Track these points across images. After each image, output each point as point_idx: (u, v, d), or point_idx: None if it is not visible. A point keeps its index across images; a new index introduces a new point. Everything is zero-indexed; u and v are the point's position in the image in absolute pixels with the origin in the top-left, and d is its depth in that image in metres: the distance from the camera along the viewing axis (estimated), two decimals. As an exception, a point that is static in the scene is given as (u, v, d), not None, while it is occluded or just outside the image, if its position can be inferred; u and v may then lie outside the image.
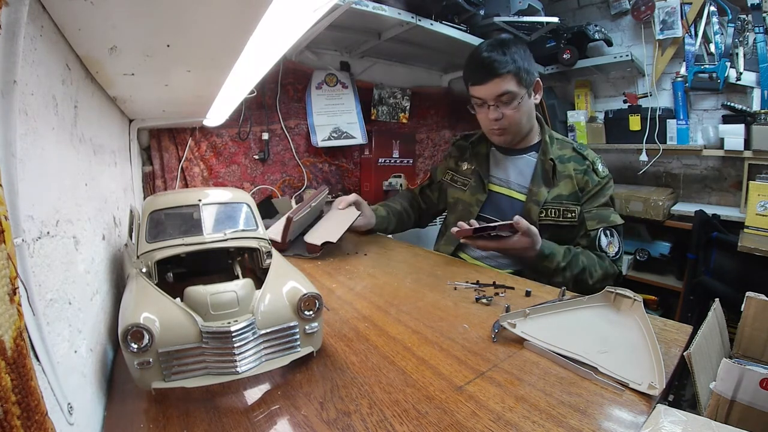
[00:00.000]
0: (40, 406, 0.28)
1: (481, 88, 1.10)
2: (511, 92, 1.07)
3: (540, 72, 2.04)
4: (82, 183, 0.58)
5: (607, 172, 1.13)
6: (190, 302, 0.49)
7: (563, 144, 1.18)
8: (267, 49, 0.62)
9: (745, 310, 0.75)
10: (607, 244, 1.07)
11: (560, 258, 1.01)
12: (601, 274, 1.04)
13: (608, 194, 1.11)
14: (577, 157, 1.14)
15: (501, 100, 1.08)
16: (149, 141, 1.38)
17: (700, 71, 1.75)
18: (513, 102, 1.08)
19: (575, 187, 1.10)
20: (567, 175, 1.12)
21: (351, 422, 0.45)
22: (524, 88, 1.08)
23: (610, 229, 1.08)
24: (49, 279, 0.38)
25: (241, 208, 0.71)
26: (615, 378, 0.51)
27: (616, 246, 1.08)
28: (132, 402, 0.50)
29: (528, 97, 1.11)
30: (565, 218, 1.10)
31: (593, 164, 1.12)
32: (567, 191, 1.10)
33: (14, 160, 0.31)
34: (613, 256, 1.08)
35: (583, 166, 1.12)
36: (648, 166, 1.92)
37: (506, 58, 1.05)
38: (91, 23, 0.45)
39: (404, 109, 1.98)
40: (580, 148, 1.16)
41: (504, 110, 1.10)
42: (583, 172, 1.11)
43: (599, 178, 1.11)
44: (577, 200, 1.10)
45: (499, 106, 1.09)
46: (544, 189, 1.11)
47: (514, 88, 1.07)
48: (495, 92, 1.07)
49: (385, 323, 0.70)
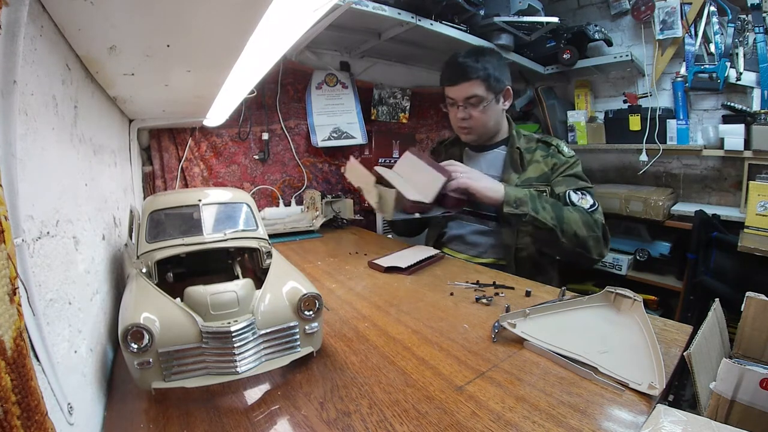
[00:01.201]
0: (40, 406, 0.28)
1: (452, 89, 1.20)
2: (479, 96, 1.17)
3: (540, 72, 2.04)
4: (82, 183, 0.58)
5: (573, 153, 1.21)
6: (190, 302, 0.49)
7: (529, 138, 1.28)
8: (267, 49, 0.62)
9: (745, 310, 0.75)
10: (579, 199, 1.11)
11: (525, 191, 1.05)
12: (578, 217, 1.05)
13: (577, 170, 1.18)
14: (541, 145, 1.23)
15: (469, 102, 1.18)
16: (149, 141, 1.38)
17: (700, 71, 1.75)
18: (480, 105, 1.18)
19: (543, 169, 1.18)
20: (534, 160, 1.20)
21: (351, 422, 0.45)
22: (492, 93, 1.17)
23: (580, 190, 1.12)
24: (49, 279, 0.38)
25: (241, 208, 0.71)
26: (615, 378, 0.51)
27: (590, 201, 1.11)
28: (132, 402, 0.50)
29: (495, 102, 1.20)
30: None
31: (557, 147, 1.21)
32: (536, 174, 1.18)
33: (14, 160, 0.31)
34: (588, 209, 1.09)
35: (548, 151, 1.21)
36: (648, 166, 1.92)
37: (478, 65, 1.15)
38: (91, 23, 0.45)
39: (404, 109, 1.98)
40: (544, 138, 1.26)
41: (471, 111, 1.19)
42: (550, 156, 1.20)
43: (566, 157, 1.19)
44: (547, 180, 1.17)
45: (467, 107, 1.19)
46: (513, 175, 1.19)
47: (481, 93, 1.16)
48: (464, 94, 1.17)
49: (385, 323, 0.70)
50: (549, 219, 1.02)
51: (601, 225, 1.09)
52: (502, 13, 1.61)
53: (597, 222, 1.08)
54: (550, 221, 1.02)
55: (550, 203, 1.05)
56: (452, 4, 1.41)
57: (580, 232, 1.04)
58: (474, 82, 1.15)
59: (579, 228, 1.04)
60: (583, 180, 1.16)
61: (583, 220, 1.05)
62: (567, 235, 1.03)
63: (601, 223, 1.09)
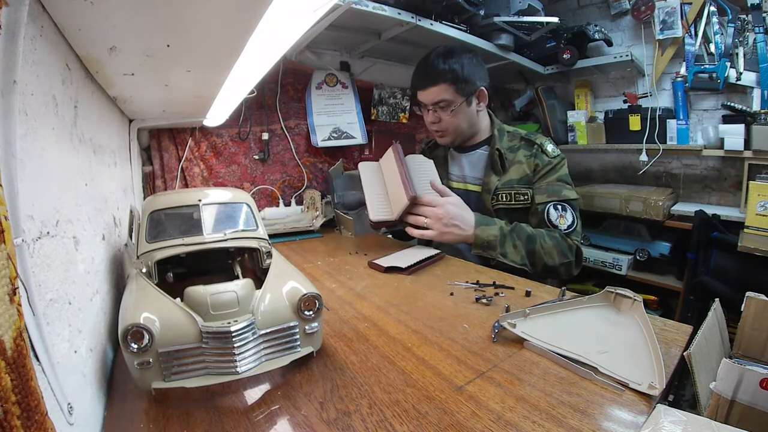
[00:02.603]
0: (40, 406, 0.28)
1: (421, 94, 1.18)
2: (447, 100, 1.14)
3: (540, 72, 2.04)
4: (82, 183, 0.58)
5: (558, 152, 1.17)
6: (190, 302, 0.49)
7: (513, 135, 1.23)
8: (267, 49, 0.62)
9: (745, 310, 0.75)
10: (557, 217, 1.08)
11: (496, 231, 1.02)
12: (552, 245, 1.03)
13: (560, 172, 1.13)
14: (525, 144, 1.19)
15: (438, 105, 1.16)
16: (149, 141, 1.38)
17: (700, 71, 1.75)
18: (448, 109, 1.15)
19: (525, 171, 1.15)
20: (517, 161, 1.17)
21: (351, 422, 0.45)
22: (462, 96, 1.14)
23: (561, 204, 1.08)
24: (49, 279, 0.38)
25: (241, 208, 0.71)
26: (615, 378, 0.51)
27: (569, 220, 1.07)
28: (132, 402, 0.50)
29: (467, 105, 1.16)
30: (518, 201, 1.14)
31: (541, 146, 1.16)
32: (517, 176, 1.15)
33: (14, 160, 0.31)
34: (566, 230, 1.07)
35: (532, 151, 1.17)
36: (648, 166, 1.92)
37: (445, 67, 1.11)
38: (91, 23, 0.45)
39: (404, 109, 1.98)
40: (529, 136, 1.21)
41: (441, 115, 1.17)
42: (533, 156, 1.16)
43: (549, 157, 1.14)
44: (529, 183, 1.14)
45: (437, 111, 1.17)
46: (494, 177, 1.17)
47: (449, 97, 1.13)
48: (432, 99, 1.15)
49: (385, 323, 0.70)
50: (518, 260, 1.02)
51: (575, 249, 1.07)
52: (502, 13, 1.61)
53: (571, 247, 1.06)
54: (519, 261, 1.02)
55: (524, 238, 1.03)
56: (452, 4, 1.41)
57: (550, 261, 1.03)
58: (441, 86, 1.12)
59: (551, 258, 1.03)
60: (567, 185, 1.12)
61: (558, 248, 1.04)
62: (536, 267, 1.04)
63: (576, 247, 1.07)
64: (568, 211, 1.08)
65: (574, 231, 1.08)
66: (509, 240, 1.03)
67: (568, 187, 1.12)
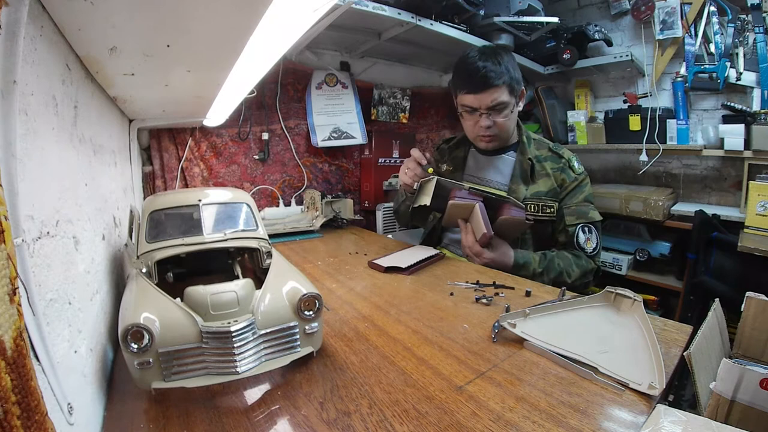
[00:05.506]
0: (40, 406, 0.28)
1: (474, 97, 1.12)
2: (504, 102, 1.11)
3: (540, 72, 2.04)
4: (82, 183, 0.58)
5: (583, 170, 1.19)
6: (190, 302, 0.49)
7: (540, 144, 1.23)
8: (267, 49, 0.62)
9: (745, 310, 0.75)
10: (585, 240, 1.12)
11: (535, 265, 1.06)
12: (578, 273, 1.09)
13: (586, 191, 1.17)
14: (553, 156, 1.20)
15: (494, 109, 1.12)
16: (149, 141, 1.38)
17: (700, 71, 1.75)
18: (505, 111, 1.12)
19: (554, 184, 1.16)
20: (545, 173, 1.17)
21: (351, 422, 0.45)
22: (514, 97, 1.13)
23: (588, 226, 1.13)
24: (49, 279, 0.38)
25: (241, 208, 0.71)
26: (615, 378, 0.51)
27: (594, 242, 1.13)
28: (132, 402, 0.50)
29: (516, 106, 1.16)
30: (545, 213, 1.15)
31: (569, 161, 1.18)
32: (546, 188, 1.16)
33: (14, 160, 0.31)
34: (591, 252, 1.12)
35: (559, 164, 1.18)
36: (648, 166, 1.92)
37: (501, 68, 1.08)
38: (91, 23, 0.45)
39: (404, 109, 1.98)
40: (556, 148, 1.22)
41: (495, 118, 1.13)
42: (560, 170, 1.17)
43: (576, 174, 1.17)
44: (556, 196, 1.16)
45: (491, 115, 1.13)
46: (522, 186, 1.17)
47: (506, 98, 1.11)
48: (489, 102, 1.11)
49: (385, 323, 0.70)
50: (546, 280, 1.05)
51: (594, 270, 1.13)
52: (502, 13, 1.61)
53: (593, 270, 1.12)
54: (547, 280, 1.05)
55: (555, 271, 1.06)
56: (452, 4, 1.41)
57: (570, 281, 1.08)
58: (499, 88, 1.08)
59: (573, 278, 1.08)
60: (592, 205, 1.16)
61: (582, 272, 1.09)
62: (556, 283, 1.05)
63: (597, 268, 1.13)
64: (594, 233, 1.13)
65: (598, 253, 1.14)
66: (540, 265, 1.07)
67: (593, 208, 1.16)
